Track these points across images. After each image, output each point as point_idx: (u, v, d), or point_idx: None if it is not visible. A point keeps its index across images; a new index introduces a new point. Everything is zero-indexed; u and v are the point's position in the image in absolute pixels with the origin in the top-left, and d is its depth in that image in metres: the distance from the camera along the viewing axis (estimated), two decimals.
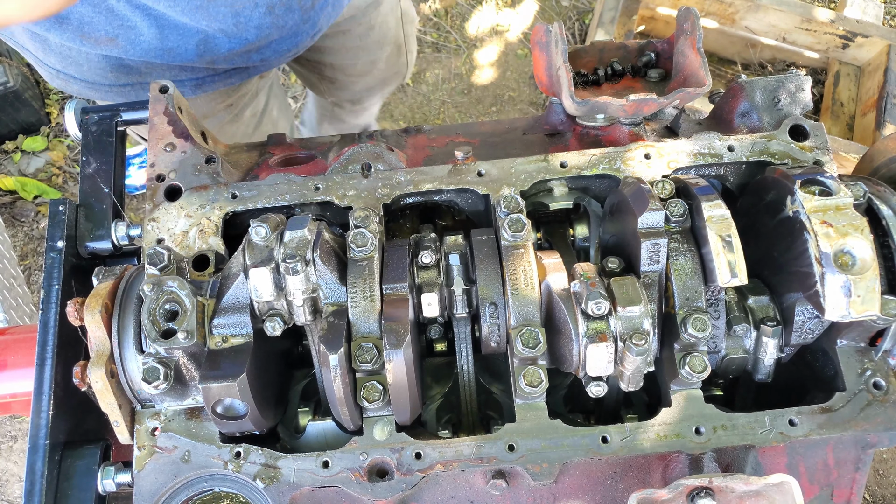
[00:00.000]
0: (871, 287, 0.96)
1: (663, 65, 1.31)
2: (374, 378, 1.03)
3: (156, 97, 1.29)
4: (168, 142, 1.26)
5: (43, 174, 3.57)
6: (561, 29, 1.21)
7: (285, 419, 1.21)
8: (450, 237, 1.15)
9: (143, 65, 1.57)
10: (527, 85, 3.97)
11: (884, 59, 3.50)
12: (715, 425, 1.05)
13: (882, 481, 3.13)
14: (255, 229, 1.04)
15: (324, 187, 1.20)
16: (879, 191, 1.11)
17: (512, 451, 1.04)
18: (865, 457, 1.11)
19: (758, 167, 1.20)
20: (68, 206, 1.25)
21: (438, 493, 1.09)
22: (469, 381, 1.17)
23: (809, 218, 1.00)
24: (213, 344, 1.05)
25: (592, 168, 1.20)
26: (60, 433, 1.13)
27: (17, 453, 3.05)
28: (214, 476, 1.06)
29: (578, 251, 1.35)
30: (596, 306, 0.98)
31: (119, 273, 1.13)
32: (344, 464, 1.04)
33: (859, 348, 1.10)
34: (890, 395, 1.07)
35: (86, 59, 1.54)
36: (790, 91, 1.26)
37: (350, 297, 1.04)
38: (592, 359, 0.98)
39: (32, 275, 3.36)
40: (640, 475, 1.10)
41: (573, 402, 1.26)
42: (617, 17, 3.55)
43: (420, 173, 1.20)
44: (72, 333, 1.14)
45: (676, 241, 1.07)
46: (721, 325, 1.09)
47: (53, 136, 3.65)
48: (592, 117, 1.28)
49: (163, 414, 1.09)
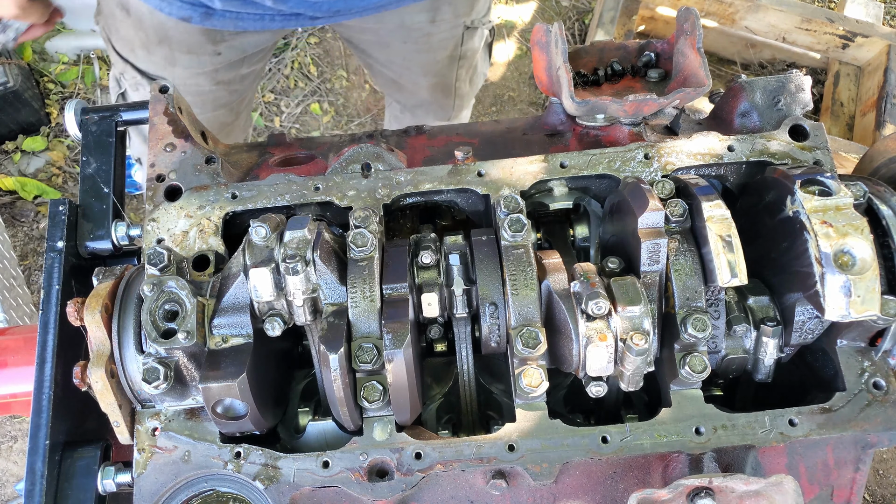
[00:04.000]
0: (871, 287, 0.96)
1: (663, 65, 1.31)
2: (374, 378, 1.03)
3: (156, 97, 1.29)
4: (168, 142, 1.26)
5: (43, 174, 3.57)
6: (561, 29, 1.21)
7: (285, 419, 1.21)
8: (450, 237, 1.15)
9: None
10: (527, 85, 3.97)
11: (884, 59, 3.50)
12: (715, 425, 1.05)
13: (882, 481, 3.13)
14: (255, 229, 1.04)
15: (324, 187, 1.20)
16: (879, 191, 1.11)
17: (512, 451, 1.04)
18: (865, 457, 1.11)
19: (758, 167, 1.20)
20: (68, 206, 1.25)
21: (438, 493, 1.09)
22: (469, 381, 1.17)
23: (809, 218, 1.00)
24: (213, 344, 1.05)
25: (592, 168, 1.20)
26: (60, 433, 1.13)
27: (17, 453, 3.05)
28: (214, 476, 1.06)
29: (578, 251, 1.35)
30: (596, 306, 0.98)
31: (119, 273, 1.13)
32: (344, 464, 1.04)
33: (859, 348, 1.10)
34: (890, 395, 1.07)
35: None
36: (790, 91, 1.26)
37: (350, 297, 1.04)
38: (592, 359, 0.98)
39: (32, 275, 3.36)
40: (640, 475, 1.10)
41: (573, 402, 1.26)
42: (617, 17, 3.55)
43: (420, 173, 1.20)
44: (72, 333, 1.14)
45: (676, 241, 1.07)
46: (721, 325, 1.09)
47: (53, 136, 3.65)
48: (592, 117, 1.28)
49: (163, 414, 1.09)
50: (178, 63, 1.83)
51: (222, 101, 2.02)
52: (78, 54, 3.76)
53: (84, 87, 3.72)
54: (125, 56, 1.87)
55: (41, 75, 3.72)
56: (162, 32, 1.75)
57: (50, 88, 3.72)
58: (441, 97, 2.34)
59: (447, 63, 2.17)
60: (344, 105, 3.86)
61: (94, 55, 3.76)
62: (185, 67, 1.84)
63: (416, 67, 2.16)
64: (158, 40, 1.77)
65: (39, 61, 3.74)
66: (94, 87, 3.72)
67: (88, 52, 3.76)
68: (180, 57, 1.81)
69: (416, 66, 2.16)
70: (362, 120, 3.82)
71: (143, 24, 1.73)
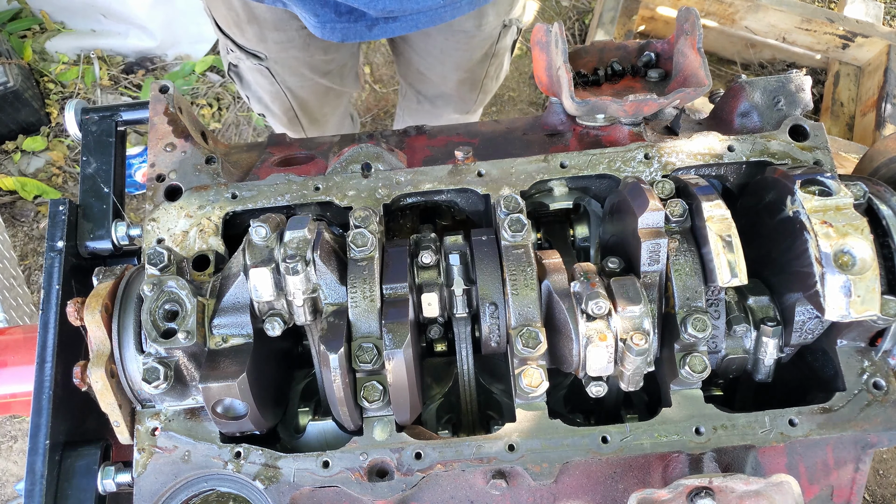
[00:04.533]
0: (871, 287, 0.96)
1: (663, 65, 1.31)
2: (374, 378, 1.03)
3: (156, 97, 1.29)
4: (168, 142, 1.26)
5: (43, 174, 3.57)
6: (561, 29, 1.21)
7: (285, 419, 1.21)
8: (450, 237, 1.15)
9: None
10: (527, 85, 3.97)
11: (884, 59, 3.50)
12: (715, 425, 1.05)
13: (882, 481, 3.13)
14: (255, 229, 1.04)
15: (324, 187, 1.20)
16: (879, 191, 1.11)
17: (512, 451, 1.04)
18: (865, 457, 1.11)
19: (758, 167, 1.20)
20: (68, 206, 1.25)
21: (438, 493, 1.09)
22: (469, 381, 1.17)
23: (809, 218, 1.00)
24: (213, 344, 1.05)
25: (592, 168, 1.20)
26: (60, 433, 1.13)
27: (17, 453, 3.05)
28: (214, 476, 1.06)
29: (578, 251, 1.35)
30: (596, 306, 0.98)
31: (119, 273, 1.13)
32: (344, 464, 1.04)
33: (859, 348, 1.10)
34: (890, 395, 1.07)
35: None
36: (790, 91, 1.26)
37: (350, 297, 1.04)
38: (592, 359, 0.98)
39: (32, 275, 3.36)
40: (640, 475, 1.10)
41: (573, 402, 1.26)
42: (617, 17, 3.55)
43: (420, 173, 1.20)
44: (72, 333, 1.14)
45: (676, 241, 1.07)
46: (721, 325, 1.09)
47: (53, 136, 3.65)
48: (592, 117, 1.28)
49: (163, 414, 1.09)
50: (268, 39, 1.87)
51: (321, 69, 2.05)
52: (78, 54, 3.76)
53: (84, 87, 3.72)
54: (225, 31, 1.92)
55: (41, 75, 3.72)
56: (249, 11, 1.79)
57: (50, 88, 3.72)
58: (466, 91, 2.34)
59: (480, 60, 2.18)
60: None
61: (94, 55, 3.76)
62: (276, 42, 1.88)
63: (450, 63, 2.17)
64: (248, 19, 1.82)
65: (39, 61, 3.74)
66: (94, 86, 3.72)
67: (88, 52, 3.76)
68: (270, 34, 1.85)
69: (450, 62, 2.16)
70: (362, 120, 3.82)
71: (233, 3, 1.77)
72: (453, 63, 2.17)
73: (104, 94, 3.73)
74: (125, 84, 3.75)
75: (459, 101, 2.44)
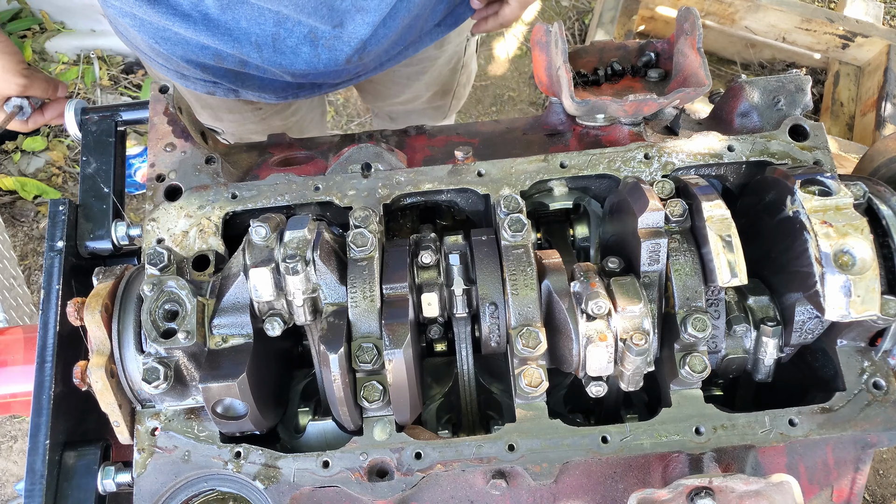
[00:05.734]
0: (871, 287, 0.96)
1: (663, 65, 1.31)
2: (374, 378, 1.03)
3: (156, 97, 1.29)
4: (168, 142, 1.26)
5: (43, 174, 3.57)
6: (561, 29, 1.21)
7: (285, 419, 1.21)
8: (450, 237, 1.15)
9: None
10: (527, 85, 3.97)
11: (884, 59, 3.50)
12: (715, 425, 1.05)
13: (882, 481, 3.13)
14: (255, 229, 1.04)
15: (324, 187, 1.20)
16: (879, 191, 1.11)
17: (512, 451, 1.04)
18: (865, 457, 1.11)
19: (758, 167, 1.20)
20: (68, 206, 1.25)
21: (438, 493, 1.09)
22: (469, 381, 1.17)
23: (809, 218, 1.00)
24: (213, 344, 1.05)
25: (592, 168, 1.20)
26: (60, 433, 1.13)
27: (17, 453, 3.05)
28: (214, 476, 1.06)
29: (578, 251, 1.35)
30: (596, 306, 0.98)
31: (119, 273, 1.13)
32: (344, 464, 1.04)
33: (859, 348, 1.10)
34: (890, 395, 1.07)
35: None
36: (790, 91, 1.26)
37: (350, 297, 1.04)
38: (592, 359, 0.98)
39: (32, 275, 3.36)
40: (640, 475, 1.10)
41: (573, 402, 1.26)
42: (617, 17, 3.55)
43: (420, 173, 1.20)
44: (72, 333, 1.14)
45: (676, 241, 1.07)
46: (721, 325, 1.09)
47: (53, 136, 3.65)
48: (592, 117, 1.28)
49: (163, 414, 1.09)
50: (224, 119, 1.89)
51: (282, 129, 2.04)
52: (78, 54, 3.76)
53: (84, 87, 3.72)
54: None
55: None
56: (202, 100, 1.79)
57: None
58: (439, 100, 2.33)
59: (449, 75, 2.17)
60: (343, 105, 3.86)
61: (94, 55, 3.76)
62: (231, 122, 1.90)
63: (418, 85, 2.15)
64: (201, 106, 1.84)
65: (39, 61, 3.74)
66: (94, 87, 3.72)
67: (88, 52, 3.76)
68: (224, 115, 1.87)
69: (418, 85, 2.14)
70: (362, 120, 3.82)
71: (183, 91, 1.75)
72: (422, 85, 2.15)
73: (104, 94, 3.73)
74: (125, 84, 3.75)
75: (434, 112, 2.43)
